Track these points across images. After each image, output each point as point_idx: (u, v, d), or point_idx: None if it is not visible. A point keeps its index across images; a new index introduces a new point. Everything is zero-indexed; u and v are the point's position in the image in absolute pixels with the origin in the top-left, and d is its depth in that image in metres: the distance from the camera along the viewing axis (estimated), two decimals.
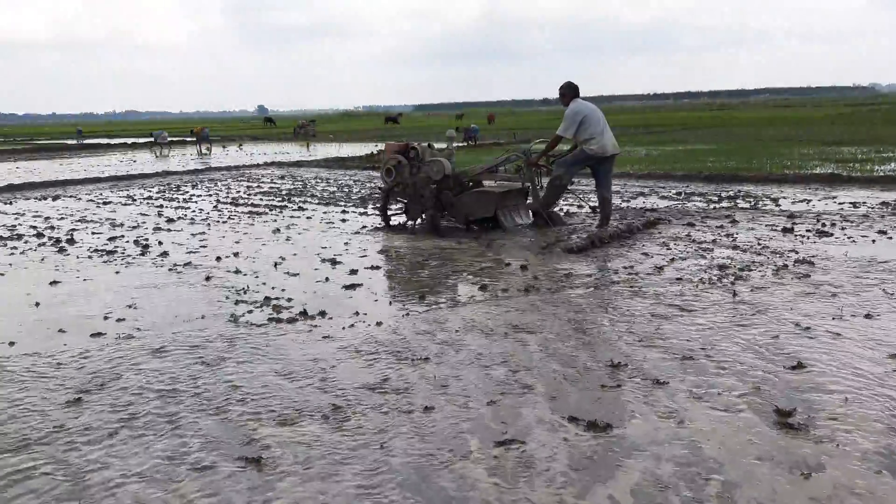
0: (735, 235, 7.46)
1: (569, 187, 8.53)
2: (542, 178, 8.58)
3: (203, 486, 2.82)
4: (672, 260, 6.44)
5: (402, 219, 8.71)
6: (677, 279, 5.76)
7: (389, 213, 8.70)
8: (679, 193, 10.98)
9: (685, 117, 46.42)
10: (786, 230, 7.63)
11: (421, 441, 3.14)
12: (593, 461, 2.94)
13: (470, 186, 8.41)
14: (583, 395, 3.59)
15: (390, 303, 5.41)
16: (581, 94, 8.07)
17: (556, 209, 8.77)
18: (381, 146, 9.19)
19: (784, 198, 10.12)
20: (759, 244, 7.00)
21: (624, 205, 9.91)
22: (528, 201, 8.57)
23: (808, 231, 7.58)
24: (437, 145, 9.23)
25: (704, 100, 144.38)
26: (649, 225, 8.14)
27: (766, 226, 7.99)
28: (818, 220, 8.16)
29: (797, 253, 6.55)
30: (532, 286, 5.70)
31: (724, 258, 6.44)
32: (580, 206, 9.75)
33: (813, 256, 6.38)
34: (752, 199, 10.05)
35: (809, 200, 9.82)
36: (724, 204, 9.76)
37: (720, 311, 4.90)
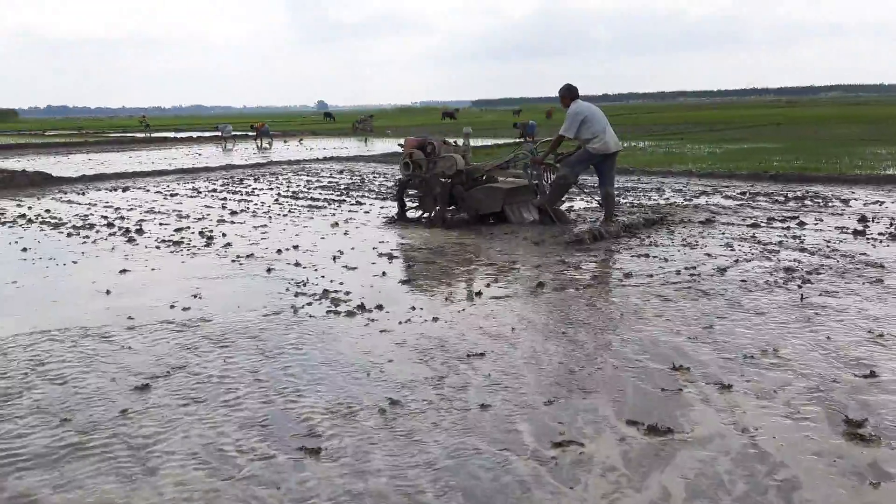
0: (802, 237, 7.23)
1: (575, 185, 8.61)
2: (550, 175, 8.64)
3: (261, 474, 2.88)
4: (736, 261, 6.27)
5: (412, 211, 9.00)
6: (742, 281, 5.61)
7: (406, 205, 9.02)
8: (743, 193, 10.69)
9: (750, 115, 45.17)
10: (857, 233, 7.35)
11: (477, 439, 3.13)
12: (652, 466, 2.89)
13: (482, 182, 8.62)
14: (642, 397, 3.54)
15: (446, 298, 5.42)
16: (635, 91, 8.06)
17: (562, 206, 8.81)
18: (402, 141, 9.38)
19: (855, 199, 9.75)
20: (828, 246, 6.76)
21: (686, 202, 9.71)
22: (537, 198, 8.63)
23: (880, 234, 7.28)
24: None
25: (770, 97, 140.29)
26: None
27: (835, 228, 7.72)
28: (892, 223, 7.85)
29: (868, 256, 6.31)
30: (590, 284, 5.63)
31: (790, 261, 6.24)
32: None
33: (885, 260, 6.14)
34: (820, 200, 9.72)
35: (882, 202, 9.44)
36: (791, 205, 9.46)
37: (787, 314, 4.75)
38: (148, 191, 12.82)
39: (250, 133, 32.89)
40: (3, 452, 3.11)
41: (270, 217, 9.46)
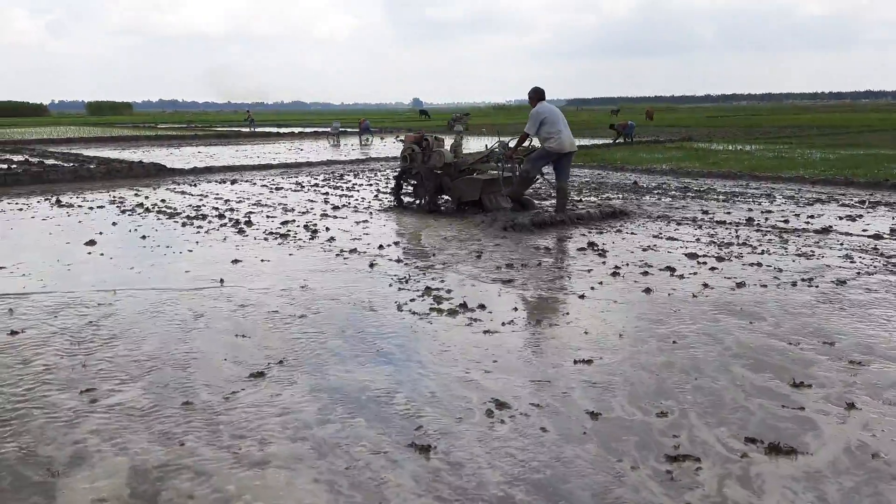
0: None
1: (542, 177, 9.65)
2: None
3: (374, 469, 2.92)
4: (858, 274, 5.93)
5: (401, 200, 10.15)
6: (865, 294, 5.30)
7: (402, 193, 10.17)
8: (862, 202, 10.09)
9: (865, 118, 42.69)
10: None
11: (587, 447, 3.08)
12: (775, 487, 2.75)
13: (468, 173, 9.64)
14: (761, 413, 3.38)
15: (546, 300, 5.36)
16: (740, 92, 8.03)
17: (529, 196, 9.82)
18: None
19: None
20: None
21: (799, 210, 9.25)
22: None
23: None
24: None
25: (888, 100, 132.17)
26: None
27: None
28: None
29: None
30: (699, 293, 5.45)
31: None
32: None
33: None
34: None
35: None
36: None
37: None
38: (254, 184, 13.29)
39: (353, 129, 33.64)
40: (126, 422, 3.29)
41: (371, 213, 9.64)
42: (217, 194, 11.70)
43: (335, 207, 10.13)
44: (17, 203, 10.68)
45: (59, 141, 27.96)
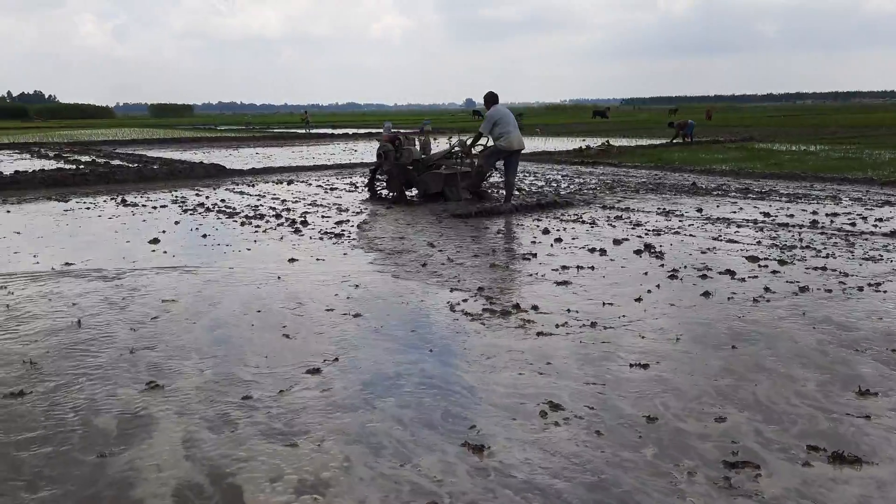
0: None
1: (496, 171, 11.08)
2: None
3: (429, 467, 2.94)
4: None
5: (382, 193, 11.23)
6: None
7: (376, 186, 11.39)
8: None
9: None
10: None
11: (641, 452, 3.03)
12: (839, 498, 2.66)
13: (434, 169, 10.78)
14: (825, 421, 3.28)
15: (601, 302, 5.29)
16: (804, 90, 7.78)
17: (486, 188, 11.21)
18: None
19: None
20: None
21: (866, 213, 8.93)
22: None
23: None
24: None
25: None
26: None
27: None
28: None
29: None
30: (761, 297, 5.31)
31: None
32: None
33: None
34: None
35: None
36: None
37: None
38: (310, 184, 13.50)
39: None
40: (195, 417, 3.38)
41: (422, 213, 9.67)
42: (274, 194, 11.93)
43: (388, 207, 10.21)
44: (84, 202, 11.08)
45: (124, 142, 28.90)
